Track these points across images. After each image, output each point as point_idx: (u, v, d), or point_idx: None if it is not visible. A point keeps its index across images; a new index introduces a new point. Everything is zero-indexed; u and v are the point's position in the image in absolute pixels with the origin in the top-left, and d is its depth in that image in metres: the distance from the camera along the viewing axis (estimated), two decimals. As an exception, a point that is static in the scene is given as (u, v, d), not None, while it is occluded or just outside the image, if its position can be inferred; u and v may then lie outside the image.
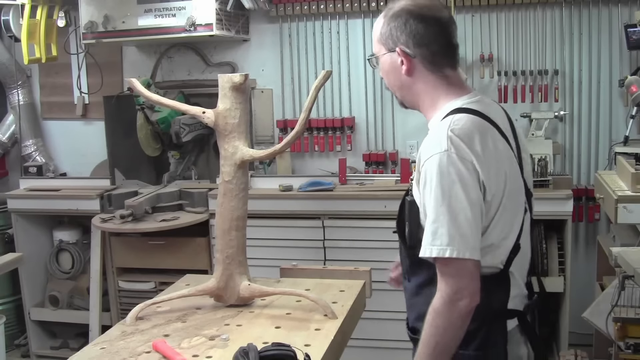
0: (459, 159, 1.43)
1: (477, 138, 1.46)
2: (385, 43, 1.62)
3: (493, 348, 1.51)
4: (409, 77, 1.61)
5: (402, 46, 1.58)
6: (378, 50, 1.65)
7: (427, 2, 1.61)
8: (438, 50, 1.59)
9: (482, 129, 1.49)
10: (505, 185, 1.48)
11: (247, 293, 2.22)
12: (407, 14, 1.58)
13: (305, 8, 3.97)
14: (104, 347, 1.92)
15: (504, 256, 1.51)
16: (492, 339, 1.51)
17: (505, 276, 1.53)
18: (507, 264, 1.52)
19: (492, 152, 1.47)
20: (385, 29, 1.61)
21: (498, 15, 3.80)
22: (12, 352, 4.25)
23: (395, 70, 1.62)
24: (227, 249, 2.17)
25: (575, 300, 3.40)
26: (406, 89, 1.64)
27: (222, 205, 2.16)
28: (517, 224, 1.53)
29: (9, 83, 4.51)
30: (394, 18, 1.59)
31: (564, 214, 3.34)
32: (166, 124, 3.88)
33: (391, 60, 1.62)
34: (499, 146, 1.51)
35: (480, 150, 1.45)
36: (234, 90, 2.11)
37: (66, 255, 4.16)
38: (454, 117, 1.51)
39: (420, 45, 1.57)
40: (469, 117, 1.51)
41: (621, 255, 2.22)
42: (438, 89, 1.60)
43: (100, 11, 3.80)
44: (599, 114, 3.76)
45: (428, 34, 1.57)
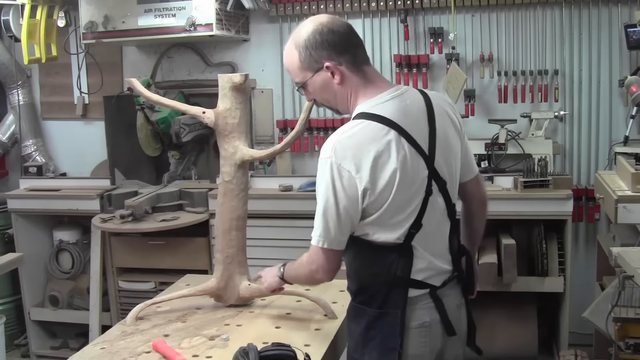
0: (337, 168, 1.64)
1: (361, 148, 1.63)
2: (310, 67, 1.75)
3: (392, 309, 1.71)
4: (340, 85, 1.75)
5: (328, 61, 1.72)
6: (304, 77, 1.78)
7: (325, 18, 1.77)
8: (356, 51, 1.75)
9: (370, 137, 1.65)
10: (395, 180, 1.64)
11: (247, 293, 2.22)
12: (317, 34, 1.73)
13: (305, 8, 3.97)
14: (104, 347, 1.92)
15: (402, 233, 1.70)
16: (392, 302, 1.72)
17: (408, 249, 1.72)
18: (407, 239, 1.71)
19: (378, 157, 1.63)
20: (304, 55, 1.74)
21: (498, 15, 3.80)
22: (12, 352, 4.25)
23: (327, 85, 1.76)
24: (227, 248, 2.17)
25: (575, 300, 3.40)
26: (340, 97, 1.77)
27: (222, 205, 2.17)
28: (415, 207, 1.70)
29: (9, 83, 4.51)
30: (307, 43, 1.73)
31: (564, 214, 3.34)
32: (166, 124, 3.88)
33: (321, 79, 1.75)
34: (392, 147, 1.65)
35: (362, 160, 1.63)
36: (234, 90, 2.11)
37: (66, 255, 4.16)
38: (348, 125, 1.69)
39: (342, 52, 1.73)
40: (363, 125, 1.67)
41: (621, 255, 2.21)
42: (359, 88, 1.75)
43: (100, 11, 3.80)
44: (599, 114, 3.76)
45: (342, 41, 1.73)
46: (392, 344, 1.71)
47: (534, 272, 3.41)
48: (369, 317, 1.74)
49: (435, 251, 1.78)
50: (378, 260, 1.73)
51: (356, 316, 1.78)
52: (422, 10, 3.87)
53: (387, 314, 1.72)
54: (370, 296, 1.74)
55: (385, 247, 1.71)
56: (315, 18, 1.79)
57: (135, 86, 2.19)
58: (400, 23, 3.90)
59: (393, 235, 1.70)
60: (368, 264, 1.75)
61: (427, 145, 1.72)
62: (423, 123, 1.74)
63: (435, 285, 1.76)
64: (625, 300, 2.41)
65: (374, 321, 1.73)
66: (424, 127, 1.73)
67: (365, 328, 1.74)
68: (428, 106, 1.77)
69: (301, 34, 1.75)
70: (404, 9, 3.84)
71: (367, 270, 1.75)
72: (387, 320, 1.72)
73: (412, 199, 1.69)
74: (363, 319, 1.75)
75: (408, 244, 1.71)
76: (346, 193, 1.64)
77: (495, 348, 3.45)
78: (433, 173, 1.72)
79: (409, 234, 1.70)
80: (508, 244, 3.29)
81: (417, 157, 1.69)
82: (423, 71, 3.87)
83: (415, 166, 1.68)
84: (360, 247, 1.75)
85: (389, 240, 1.70)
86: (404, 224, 1.69)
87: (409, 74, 3.87)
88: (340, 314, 2.11)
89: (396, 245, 1.71)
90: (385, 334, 1.72)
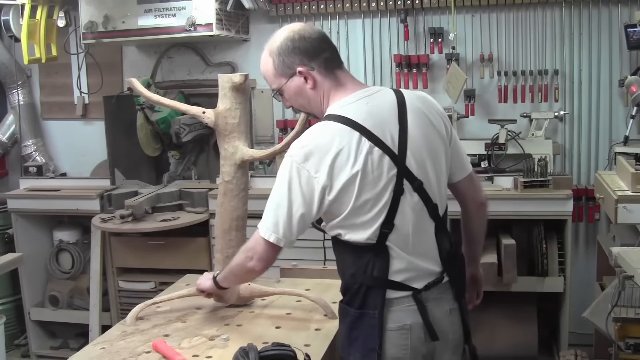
0: (296, 168, 1.68)
1: (321, 148, 1.67)
2: (284, 73, 1.81)
3: (370, 310, 1.73)
4: (313, 90, 1.80)
5: (300, 66, 1.78)
6: (279, 83, 1.83)
7: (297, 26, 1.83)
8: (328, 56, 1.81)
9: (331, 137, 1.68)
10: (357, 180, 1.67)
11: (247, 293, 2.22)
12: (289, 41, 1.78)
13: (305, 8, 3.97)
14: (104, 347, 1.92)
15: (372, 233, 1.71)
16: (371, 302, 1.73)
17: (383, 249, 1.72)
18: (380, 239, 1.71)
19: (337, 157, 1.66)
20: (278, 62, 1.80)
21: (498, 15, 3.80)
22: (12, 352, 4.25)
23: (301, 91, 1.81)
24: (228, 248, 2.17)
25: (575, 300, 3.41)
26: (312, 101, 1.82)
27: (222, 205, 2.16)
28: (383, 206, 1.70)
29: (9, 83, 4.51)
30: (280, 50, 1.79)
31: (564, 214, 3.34)
32: (166, 124, 3.88)
33: (295, 84, 1.81)
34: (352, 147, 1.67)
35: (321, 160, 1.66)
36: (234, 90, 2.11)
37: (66, 255, 4.16)
38: (314, 127, 1.73)
39: (313, 57, 1.78)
40: (326, 127, 1.71)
41: (621, 255, 2.21)
42: (331, 92, 1.80)
43: (100, 11, 3.80)
44: (599, 114, 3.76)
45: (314, 46, 1.79)
46: (371, 344, 1.72)
47: (534, 272, 3.41)
48: (351, 317, 1.76)
49: (417, 252, 1.76)
50: (355, 260, 1.75)
51: (342, 316, 1.81)
52: (422, 10, 3.88)
53: (366, 315, 1.73)
54: (351, 296, 1.76)
55: (360, 247, 1.73)
56: (287, 26, 1.85)
57: (135, 86, 2.19)
58: (400, 23, 3.90)
59: (363, 235, 1.71)
60: (347, 265, 1.78)
61: (396, 145, 1.71)
62: (392, 122, 1.74)
63: (417, 288, 1.75)
64: (625, 300, 2.41)
65: (355, 321, 1.75)
66: (392, 127, 1.73)
67: (348, 328, 1.77)
68: (400, 105, 1.77)
69: (274, 41, 1.82)
70: (404, 9, 3.84)
71: (348, 271, 1.78)
72: (366, 320, 1.73)
73: (378, 199, 1.69)
74: (347, 319, 1.78)
75: (382, 244, 1.72)
76: (302, 193, 1.68)
77: (495, 348, 3.45)
78: (404, 172, 1.71)
79: (381, 234, 1.71)
80: (508, 244, 3.29)
81: (382, 157, 1.69)
82: (423, 71, 3.87)
83: (379, 165, 1.69)
84: (340, 248, 1.79)
85: (361, 240, 1.72)
86: (373, 224, 1.70)
87: (409, 74, 3.87)
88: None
89: (370, 246, 1.72)
90: (365, 334, 1.73)
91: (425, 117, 1.80)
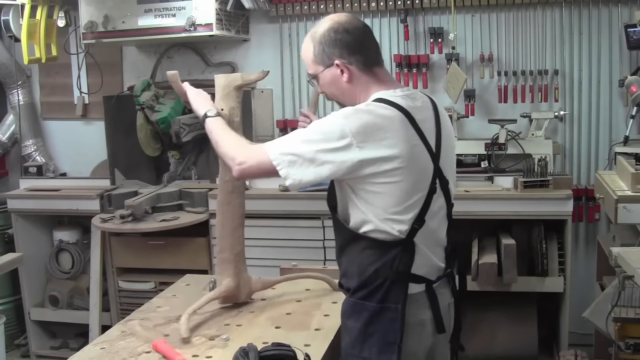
0: (339, 127, 1.66)
1: (374, 121, 1.67)
2: (322, 61, 1.84)
3: (393, 304, 1.74)
4: (349, 83, 1.83)
5: (339, 59, 1.81)
6: (316, 70, 1.86)
7: (343, 17, 1.86)
8: (368, 53, 1.84)
9: (387, 117, 1.69)
10: (400, 167, 1.68)
11: (259, 285, 2.26)
12: (333, 32, 1.81)
13: (305, 8, 3.97)
14: (104, 347, 1.92)
15: (405, 228, 1.74)
16: (393, 297, 1.75)
17: (410, 245, 1.76)
18: (409, 234, 1.74)
19: (390, 138, 1.68)
20: (318, 50, 1.83)
21: (498, 15, 3.80)
22: (12, 352, 4.25)
23: (336, 82, 1.84)
24: (237, 246, 2.18)
25: (575, 300, 3.41)
26: (347, 94, 1.85)
27: (230, 204, 2.16)
28: (418, 203, 1.74)
29: (9, 83, 4.51)
30: (322, 38, 1.82)
31: (564, 214, 3.34)
32: (166, 124, 3.88)
33: (331, 74, 1.84)
34: (399, 135, 1.69)
35: (372, 132, 1.66)
36: (238, 89, 2.13)
37: (66, 255, 4.16)
38: (370, 103, 1.74)
39: (353, 53, 1.81)
40: (380, 105, 1.72)
41: (621, 255, 2.21)
42: (371, 86, 1.83)
43: (100, 11, 3.80)
44: (599, 114, 3.76)
45: (356, 42, 1.81)
46: (392, 338, 1.73)
47: (534, 272, 3.41)
48: (369, 312, 1.76)
49: (433, 248, 1.83)
50: (381, 256, 1.75)
51: (354, 312, 1.79)
52: (422, 10, 3.88)
53: (388, 309, 1.74)
54: (370, 292, 1.76)
55: (387, 243, 1.74)
56: (334, 16, 1.87)
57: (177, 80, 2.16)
58: (400, 23, 3.90)
59: (397, 228, 1.73)
60: (371, 261, 1.77)
61: (434, 143, 1.78)
62: (431, 123, 1.80)
63: (432, 280, 1.81)
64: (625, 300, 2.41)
65: (374, 316, 1.75)
66: (432, 127, 1.80)
67: (364, 324, 1.76)
68: (434, 109, 1.85)
69: (319, 29, 1.84)
70: (404, 9, 3.84)
71: (371, 267, 1.76)
72: (388, 315, 1.74)
73: (415, 189, 1.73)
74: (362, 315, 1.77)
75: (411, 239, 1.75)
76: (337, 151, 1.66)
77: (495, 348, 3.45)
78: (438, 171, 1.78)
79: (412, 229, 1.74)
80: (508, 244, 3.29)
81: (424, 151, 1.74)
82: (423, 71, 3.87)
83: (421, 159, 1.74)
84: (363, 244, 1.78)
85: (393, 233, 1.73)
86: (407, 217, 1.73)
87: (409, 74, 3.87)
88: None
89: (399, 241, 1.74)
90: (385, 329, 1.74)
91: (449, 124, 1.92)
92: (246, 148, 1.82)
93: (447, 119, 1.91)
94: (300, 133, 1.74)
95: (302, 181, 1.70)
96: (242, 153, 1.79)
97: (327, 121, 1.71)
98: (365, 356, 1.77)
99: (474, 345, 3.46)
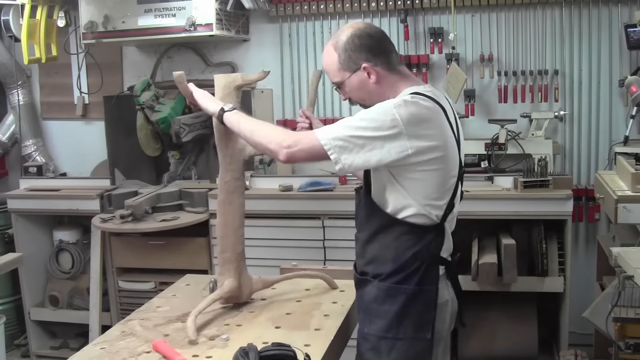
0: (391, 116, 1.73)
1: (420, 112, 1.76)
2: (348, 67, 1.91)
3: (428, 286, 1.86)
4: (377, 84, 1.91)
5: (365, 62, 1.89)
6: (342, 77, 1.93)
7: (362, 24, 1.95)
8: (390, 54, 1.93)
9: (430, 109, 1.79)
10: (440, 156, 1.79)
11: (261, 285, 2.27)
12: (356, 38, 1.90)
13: (305, 8, 3.97)
14: (104, 347, 1.92)
15: (441, 212, 1.86)
16: (428, 279, 1.86)
17: (442, 229, 1.88)
18: (443, 219, 1.87)
19: (433, 128, 1.78)
20: (343, 57, 1.91)
21: (498, 15, 3.80)
22: (12, 352, 4.25)
23: (364, 85, 1.92)
24: (239, 245, 2.18)
25: (575, 300, 3.40)
26: (375, 94, 1.92)
27: (232, 204, 2.16)
28: (450, 189, 1.86)
29: (9, 83, 4.51)
30: (346, 45, 1.90)
31: (564, 214, 3.34)
32: (166, 124, 3.88)
33: (358, 79, 1.92)
34: (440, 126, 1.80)
35: (420, 122, 1.75)
36: (238, 89, 2.13)
37: (66, 255, 4.16)
38: (414, 96, 1.79)
39: (378, 55, 1.90)
40: (425, 100, 1.80)
41: (621, 255, 2.21)
42: (399, 83, 1.92)
43: (100, 11, 3.80)
44: (599, 114, 3.76)
45: (378, 44, 1.91)
46: (426, 318, 1.85)
47: (534, 272, 3.41)
48: (407, 295, 1.85)
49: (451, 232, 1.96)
50: (418, 240, 1.85)
51: (390, 296, 1.87)
52: (422, 10, 3.88)
53: (424, 290, 1.85)
54: (408, 275, 1.85)
55: (423, 227, 1.84)
56: (353, 24, 1.96)
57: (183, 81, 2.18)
58: (400, 23, 3.90)
59: (435, 213, 1.83)
60: (408, 245, 1.85)
61: (456, 135, 1.88)
62: (453, 115, 1.90)
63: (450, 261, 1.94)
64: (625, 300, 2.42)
65: (412, 298, 1.84)
66: (454, 119, 1.90)
67: (402, 306, 1.85)
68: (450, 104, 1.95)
69: (341, 37, 1.92)
70: (404, 9, 3.84)
71: (408, 251, 1.85)
72: (424, 295, 1.85)
73: (449, 176, 1.84)
74: (399, 298, 1.85)
75: (442, 224, 1.86)
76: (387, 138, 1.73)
77: (495, 348, 3.45)
78: (460, 160, 1.90)
79: (444, 213, 1.86)
80: (508, 244, 3.29)
81: (454, 141, 1.85)
82: (423, 71, 3.87)
83: (453, 147, 1.84)
84: (400, 230, 1.86)
85: (432, 218, 1.83)
86: (444, 202, 1.84)
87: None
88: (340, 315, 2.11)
89: (434, 225, 1.85)
90: (422, 308, 1.85)
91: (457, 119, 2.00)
92: (292, 133, 1.88)
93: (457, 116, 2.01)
94: (352, 120, 1.79)
95: (351, 166, 1.76)
96: (290, 137, 1.83)
97: (379, 109, 1.77)
98: (400, 337, 1.86)
99: (474, 345, 3.46)
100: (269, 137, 1.85)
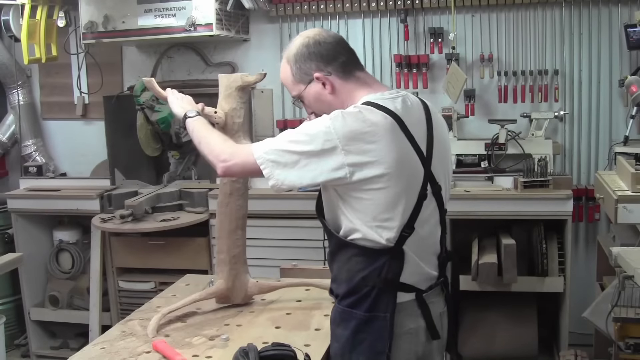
0: (325, 130, 1.63)
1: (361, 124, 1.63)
2: (302, 80, 1.82)
3: (381, 313, 1.71)
4: (333, 94, 1.80)
5: (317, 71, 1.79)
6: (298, 90, 1.84)
7: (312, 31, 1.86)
8: (345, 59, 1.82)
9: (374, 122, 1.65)
10: (386, 173, 1.64)
11: (256, 290, 2.25)
12: (305, 47, 1.81)
13: (305, 8, 3.97)
14: (104, 347, 1.92)
15: (393, 235, 1.69)
16: (381, 305, 1.71)
17: (399, 253, 1.71)
18: (398, 242, 1.70)
19: (376, 142, 1.63)
20: (295, 69, 1.82)
21: (498, 15, 3.80)
22: (12, 352, 4.25)
23: (320, 96, 1.82)
24: (234, 248, 2.18)
25: (575, 300, 3.40)
26: (334, 106, 1.78)
27: (228, 205, 2.16)
28: (407, 209, 1.69)
29: (9, 83, 4.51)
30: (296, 57, 1.82)
31: (564, 214, 3.34)
32: (166, 124, 3.88)
33: (314, 90, 1.82)
34: (387, 140, 1.65)
35: (358, 136, 1.62)
36: (240, 89, 2.12)
37: (66, 255, 4.16)
38: (358, 106, 1.69)
39: (329, 62, 1.79)
40: (368, 108, 1.68)
41: (621, 255, 2.21)
42: (356, 91, 1.80)
43: (100, 11, 3.80)
44: (599, 114, 3.76)
45: (329, 51, 1.80)
46: (380, 347, 1.70)
47: (534, 272, 3.41)
48: (357, 320, 1.73)
49: (424, 256, 1.79)
50: (369, 263, 1.71)
51: (344, 320, 1.76)
52: (422, 10, 3.88)
53: (377, 317, 1.71)
54: (359, 299, 1.72)
55: (375, 250, 1.70)
56: (303, 33, 1.88)
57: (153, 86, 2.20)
58: (400, 23, 3.90)
59: (385, 235, 1.68)
60: (358, 268, 1.73)
61: (425, 148, 1.73)
62: (422, 126, 1.77)
63: (422, 289, 1.77)
64: (625, 300, 2.41)
65: (363, 325, 1.72)
66: (423, 130, 1.76)
67: (353, 332, 1.73)
68: (426, 112, 1.81)
69: (291, 48, 1.85)
70: (404, 9, 3.84)
71: (358, 274, 1.72)
72: (377, 323, 1.71)
73: (404, 196, 1.68)
74: (351, 323, 1.74)
75: (400, 247, 1.70)
76: (322, 154, 1.63)
77: (495, 348, 3.45)
78: (429, 176, 1.73)
79: (401, 236, 1.69)
80: (508, 244, 3.29)
81: (413, 155, 1.70)
82: (423, 71, 3.87)
83: (411, 163, 1.69)
84: (351, 252, 1.74)
85: (381, 242, 1.69)
86: (396, 224, 1.68)
87: (409, 74, 3.87)
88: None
89: (387, 249, 1.70)
90: (374, 337, 1.71)
91: (443, 127, 1.88)
92: (231, 146, 1.81)
93: (441, 122, 1.87)
94: (288, 134, 1.70)
95: (284, 183, 1.67)
96: (227, 151, 1.78)
97: (315, 123, 1.68)
98: None
99: (474, 345, 3.46)
100: (210, 149, 1.82)
